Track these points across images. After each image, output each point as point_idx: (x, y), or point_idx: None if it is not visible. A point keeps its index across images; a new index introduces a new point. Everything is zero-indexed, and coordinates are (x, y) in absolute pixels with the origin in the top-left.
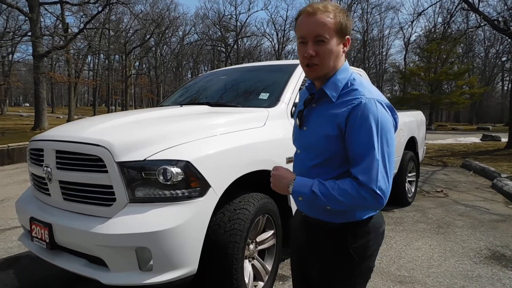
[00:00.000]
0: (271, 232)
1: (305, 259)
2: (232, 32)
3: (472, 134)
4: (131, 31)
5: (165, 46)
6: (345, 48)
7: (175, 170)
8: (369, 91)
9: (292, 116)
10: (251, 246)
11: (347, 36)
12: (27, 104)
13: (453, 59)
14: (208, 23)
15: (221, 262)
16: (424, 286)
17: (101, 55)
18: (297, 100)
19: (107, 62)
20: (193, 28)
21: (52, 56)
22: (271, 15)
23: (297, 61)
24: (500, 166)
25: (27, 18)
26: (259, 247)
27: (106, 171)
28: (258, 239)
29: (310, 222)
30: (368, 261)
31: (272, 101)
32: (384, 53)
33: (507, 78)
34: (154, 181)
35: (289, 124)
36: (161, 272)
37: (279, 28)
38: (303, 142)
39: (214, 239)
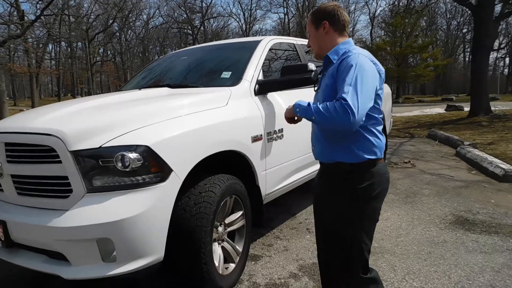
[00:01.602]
0: (240, 213)
1: (321, 211)
2: (198, 14)
3: (437, 105)
4: (92, 17)
5: (129, 30)
6: (324, 29)
7: (134, 155)
8: (360, 52)
9: (256, 93)
10: (220, 229)
11: (324, 21)
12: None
13: (417, 33)
14: (172, 5)
15: (188, 247)
16: (393, 255)
17: (63, 43)
18: (261, 77)
19: (69, 50)
20: (157, 11)
21: (9, 46)
22: None
23: (260, 38)
24: (463, 135)
25: None
26: (229, 229)
27: (60, 162)
28: (227, 221)
29: (323, 168)
30: (374, 202)
31: (235, 80)
32: (350, 29)
33: (468, 50)
34: (112, 168)
35: (253, 102)
36: (125, 262)
37: (246, 7)
38: (316, 100)
39: (181, 224)
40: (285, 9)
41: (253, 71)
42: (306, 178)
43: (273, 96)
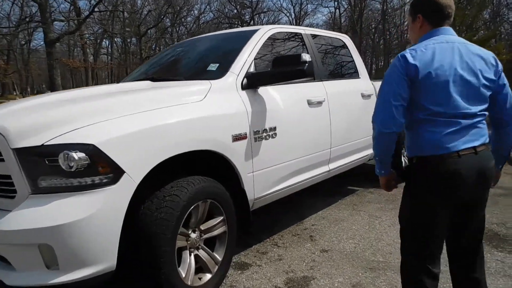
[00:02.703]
0: (220, 218)
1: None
2: (248, 9)
3: None
4: (144, 12)
5: (181, 26)
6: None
7: (79, 155)
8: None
9: (243, 88)
10: (194, 235)
11: (418, 15)
12: (50, 92)
13: (478, 25)
14: (223, 1)
15: (145, 256)
16: (396, 272)
17: (117, 38)
18: (252, 69)
19: (123, 45)
20: (208, 6)
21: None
22: None
23: (258, 27)
24: None
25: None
26: (205, 236)
27: (3, 160)
28: (203, 227)
29: None
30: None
31: (221, 72)
32: (405, 23)
33: None
34: (58, 168)
35: (238, 97)
36: (69, 271)
37: (296, 1)
38: None
39: (139, 230)
40: (336, 3)
41: (242, 64)
42: (309, 182)
43: (266, 90)
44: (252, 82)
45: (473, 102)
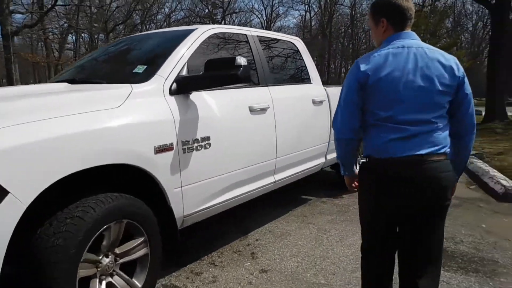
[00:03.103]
0: (140, 240)
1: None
2: (220, 9)
3: None
4: (113, 8)
5: (151, 23)
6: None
7: None
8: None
9: (172, 93)
10: (106, 260)
11: (382, 18)
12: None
13: (441, 33)
14: (194, 0)
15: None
16: None
17: (84, 34)
18: (184, 73)
19: (90, 41)
20: (179, 5)
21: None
22: None
23: (196, 27)
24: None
25: None
26: (121, 260)
27: None
28: (119, 250)
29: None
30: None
31: (146, 76)
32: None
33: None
34: None
35: (165, 103)
36: None
37: (268, 3)
38: None
39: (33, 259)
40: (307, 6)
41: (172, 66)
42: (252, 194)
43: (201, 96)
44: (182, 87)
45: (425, 109)
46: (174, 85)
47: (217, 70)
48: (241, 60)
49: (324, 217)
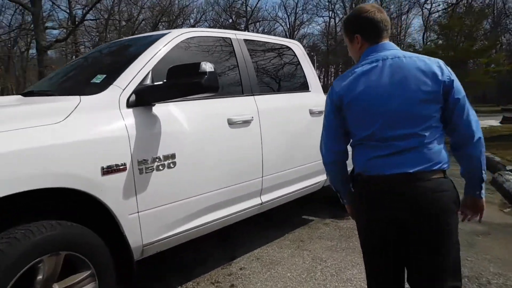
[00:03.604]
0: (87, 273)
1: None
2: (243, 18)
3: (494, 116)
4: (139, 21)
5: None
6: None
7: None
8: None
9: (130, 105)
10: None
11: (356, 35)
12: None
13: (478, 35)
14: (218, 10)
15: None
16: None
17: None
18: (149, 82)
19: None
20: (203, 16)
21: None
22: None
23: (171, 30)
24: (510, 155)
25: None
26: None
27: None
28: (59, 285)
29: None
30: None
31: (102, 86)
32: (403, 33)
33: None
34: None
35: (119, 117)
36: None
37: (291, 11)
38: None
39: None
40: (331, 13)
41: (133, 75)
42: (233, 218)
43: (167, 108)
44: (142, 99)
45: (408, 122)
46: (133, 97)
47: (180, 78)
48: (206, 66)
49: (323, 243)
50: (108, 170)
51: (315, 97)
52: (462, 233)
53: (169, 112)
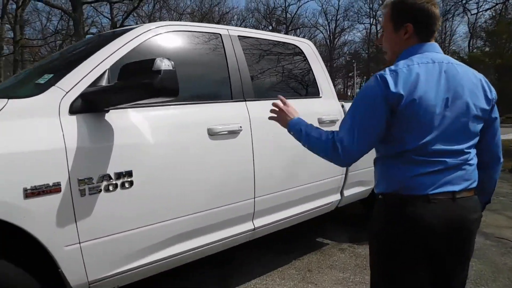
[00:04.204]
0: None
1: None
2: (283, 25)
3: None
4: None
5: None
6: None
7: None
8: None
9: (73, 111)
10: None
11: (407, 23)
12: None
13: None
14: (258, 17)
15: None
16: None
17: None
18: (105, 83)
19: None
20: (243, 23)
21: None
22: (322, 5)
23: (142, 24)
24: None
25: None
26: None
27: None
28: None
29: None
30: (374, 249)
31: (45, 87)
32: (447, 40)
33: None
34: None
35: (57, 124)
36: None
37: (331, 18)
38: None
39: None
40: (372, 19)
41: (82, 75)
42: (217, 247)
43: (125, 116)
44: (89, 103)
45: (460, 137)
46: (78, 101)
47: (132, 79)
48: (162, 63)
49: (334, 274)
50: (34, 192)
51: (326, 104)
52: (506, 267)
53: (128, 120)
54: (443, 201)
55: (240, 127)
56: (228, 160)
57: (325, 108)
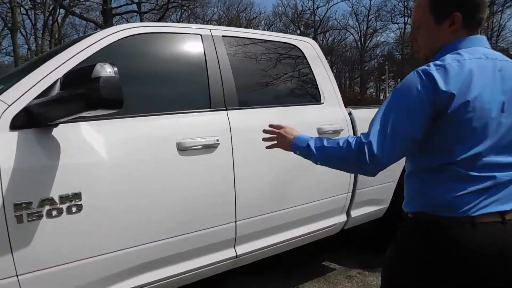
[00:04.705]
0: None
1: None
2: (312, 28)
3: None
4: None
5: None
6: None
7: None
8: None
9: (14, 127)
10: None
11: (455, 13)
12: None
13: None
14: (286, 21)
15: None
16: None
17: None
18: (51, 93)
19: None
20: (271, 28)
21: None
22: (352, 6)
23: (101, 30)
24: None
25: None
26: None
27: None
28: None
29: None
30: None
31: None
32: (495, 36)
33: None
34: None
35: None
36: None
37: (363, 19)
38: None
39: None
40: (407, 18)
41: (29, 86)
42: (186, 278)
43: (76, 131)
44: (31, 118)
45: None
46: (22, 115)
47: (73, 88)
48: (102, 69)
49: None
50: None
51: (329, 112)
52: None
53: (78, 135)
54: (491, 224)
55: (217, 140)
56: (201, 178)
57: (326, 116)
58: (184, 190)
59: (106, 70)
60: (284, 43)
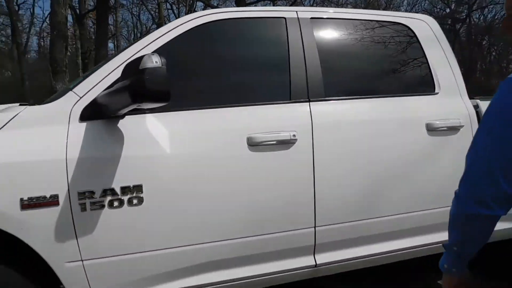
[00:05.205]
0: None
1: None
2: (465, 5)
3: None
4: None
5: None
6: None
7: None
8: None
9: (84, 118)
10: None
11: None
12: None
13: None
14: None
15: None
16: None
17: None
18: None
19: None
20: (414, 8)
21: None
22: None
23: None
24: None
25: None
26: None
27: None
28: None
29: None
30: None
31: (63, 92)
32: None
33: None
34: None
35: (63, 132)
36: None
37: None
38: None
39: None
40: None
41: (100, 78)
42: (254, 283)
43: (141, 123)
44: (97, 109)
45: None
46: (90, 107)
47: (126, 80)
48: (149, 60)
49: None
50: (30, 204)
51: (445, 104)
52: None
53: (143, 127)
54: None
55: (294, 135)
56: (274, 177)
57: (441, 109)
58: (253, 189)
59: (153, 61)
60: (390, 22)
